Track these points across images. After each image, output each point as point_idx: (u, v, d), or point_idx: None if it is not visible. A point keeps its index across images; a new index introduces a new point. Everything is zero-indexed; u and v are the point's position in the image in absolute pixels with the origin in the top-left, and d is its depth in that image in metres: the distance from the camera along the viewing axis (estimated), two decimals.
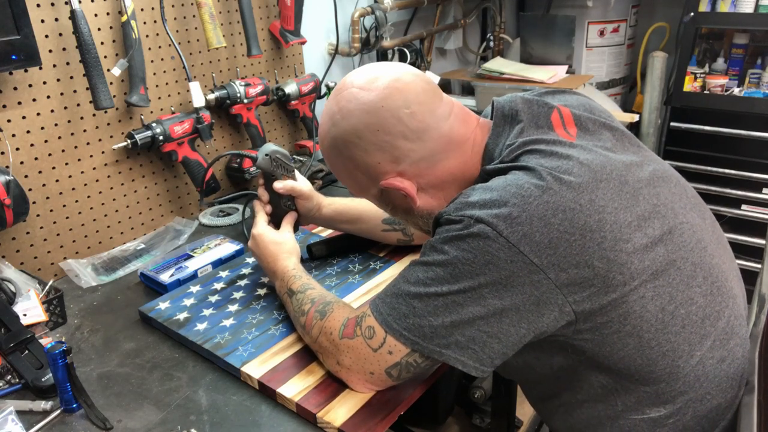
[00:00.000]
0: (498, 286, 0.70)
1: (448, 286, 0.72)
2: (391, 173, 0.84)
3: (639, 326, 0.74)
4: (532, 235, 0.69)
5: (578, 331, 0.75)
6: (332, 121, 0.85)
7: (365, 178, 0.87)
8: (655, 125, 2.56)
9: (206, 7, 1.35)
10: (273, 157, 1.08)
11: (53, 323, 1.07)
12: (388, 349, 0.78)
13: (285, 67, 1.72)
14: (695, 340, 0.78)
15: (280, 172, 1.10)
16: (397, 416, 0.84)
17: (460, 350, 0.74)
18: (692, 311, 0.77)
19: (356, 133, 0.82)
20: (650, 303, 0.74)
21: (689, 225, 0.81)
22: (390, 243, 1.23)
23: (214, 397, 0.88)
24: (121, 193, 1.36)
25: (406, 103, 0.81)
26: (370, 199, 0.92)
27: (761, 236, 2.24)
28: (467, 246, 0.71)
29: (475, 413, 1.88)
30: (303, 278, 0.99)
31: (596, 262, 0.70)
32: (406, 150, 0.82)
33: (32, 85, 1.16)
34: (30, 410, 0.87)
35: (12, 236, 1.17)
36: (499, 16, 2.62)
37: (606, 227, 0.71)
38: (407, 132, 0.81)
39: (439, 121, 0.82)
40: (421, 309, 0.75)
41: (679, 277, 0.76)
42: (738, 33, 2.28)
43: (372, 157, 0.83)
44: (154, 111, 1.39)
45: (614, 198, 0.74)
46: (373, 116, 0.81)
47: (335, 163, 0.89)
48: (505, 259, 0.69)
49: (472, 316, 0.72)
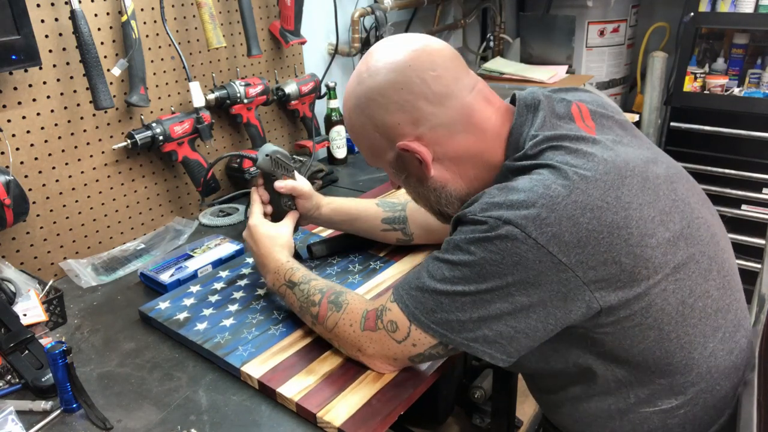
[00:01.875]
0: (526, 284, 0.71)
1: (476, 285, 0.73)
2: (410, 136, 0.84)
3: (660, 319, 0.75)
4: (561, 235, 0.69)
5: (600, 325, 0.76)
6: (359, 79, 0.85)
7: (383, 141, 0.86)
8: (655, 125, 2.56)
9: (206, 7, 1.35)
10: (273, 157, 1.08)
11: (53, 323, 1.07)
12: (412, 341, 0.81)
13: (285, 67, 1.72)
14: (709, 333, 0.80)
15: (280, 172, 1.10)
16: (397, 416, 0.84)
17: (487, 344, 0.75)
18: (708, 304, 0.79)
19: (380, 91, 0.83)
20: (672, 296, 0.75)
21: (704, 220, 0.83)
22: (389, 243, 1.23)
23: (214, 397, 0.88)
24: (121, 193, 1.36)
25: (433, 66, 0.81)
26: (385, 166, 0.91)
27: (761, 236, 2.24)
28: (495, 248, 0.71)
29: (475, 413, 1.88)
30: (301, 270, 0.99)
31: (623, 259, 0.71)
32: (427, 113, 0.82)
33: (32, 85, 1.16)
34: (30, 410, 0.87)
35: (12, 236, 1.17)
36: (499, 16, 2.62)
37: (632, 223, 0.72)
38: (430, 94, 0.81)
39: (463, 91, 0.83)
40: (448, 305, 0.76)
41: (698, 270, 0.78)
42: (738, 33, 2.28)
43: (392, 117, 0.83)
44: (154, 111, 1.39)
45: (638, 194, 0.74)
46: (399, 74, 0.81)
47: (356, 123, 0.88)
48: (534, 260, 0.70)
49: (500, 312, 0.73)
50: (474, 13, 2.54)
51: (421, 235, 1.19)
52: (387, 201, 1.21)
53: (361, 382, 0.87)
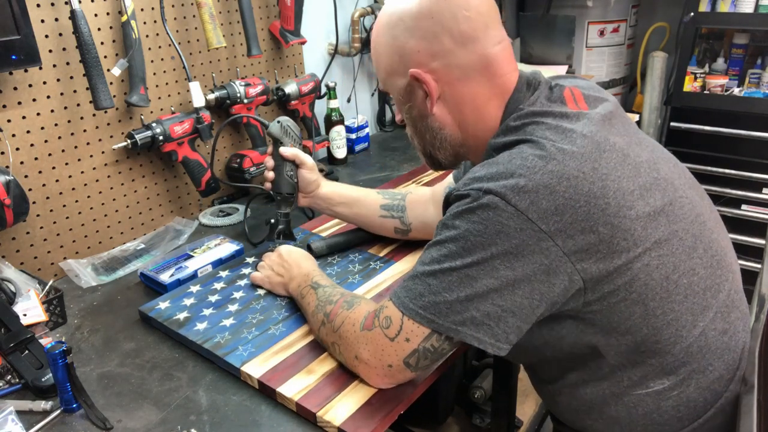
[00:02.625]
0: (509, 256, 0.72)
1: (461, 259, 0.74)
2: (424, 66, 0.84)
3: (644, 294, 0.77)
4: (539, 202, 0.71)
5: (587, 303, 0.77)
6: (396, 2, 0.86)
7: (399, 64, 0.87)
8: (655, 125, 2.55)
9: (206, 7, 1.35)
10: (284, 124, 1.17)
11: (53, 323, 1.07)
12: (405, 336, 0.80)
13: (285, 67, 1.72)
14: (698, 311, 0.81)
15: (288, 140, 1.17)
16: (397, 416, 0.84)
17: (475, 327, 0.75)
18: (694, 281, 0.80)
19: (410, 14, 0.83)
20: (655, 271, 0.76)
21: (688, 200, 0.84)
22: (387, 234, 1.24)
23: (214, 397, 0.88)
24: (121, 193, 1.36)
25: (467, 6, 0.82)
26: (394, 91, 0.92)
27: (761, 236, 2.24)
28: (477, 218, 0.73)
29: (475, 413, 1.88)
30: (329, 279, 1.02)
31: (601, 228, 0.72)
32: (447, 49, 0.83)
33: (32, 85, 1.16)
34: (30, 410, 0.87)
35: (12, 236, 1.17)
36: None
37: (609, 194, 0.73)
38: (456, 32, 0.82)
39: (488, 41, 0.83)
40: (435, 286, 0.76)
41: (681, 247, 0.79)
42: (738, 33, 2.28)
43: (414, 43, 0.84)
44: (154, 111, 1.39)
45: (617, 167, 0.76)
46: (434, 3, 0.82)
47: (380, 40, 0.89)
48: (515, 228, 0.71)
49: (486, 288, 0.74)
50: None
51: (418, 228, 1.20)
52: (387, 190, 1.25)
53: (361, 381, 0.87)
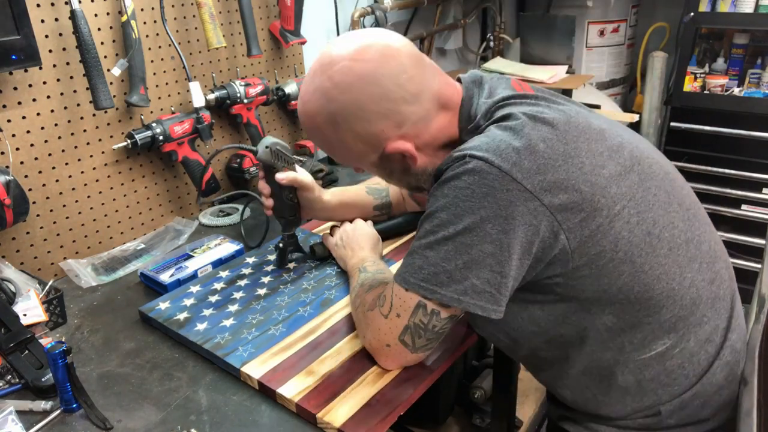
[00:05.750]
0: (500, 219, 0.74)
1: (453, 227, 0.76)
2: (394, 138, 0.86)
3: (630, 251, 0.79)
4: (521, 162, 0.74)
5: (576, 268, 0.79)
6: (327, 97, 0.83)
7: (366, 148, 0.87)
8: (655, 125, 2.55)
9: (206, 7, 1.35)
10: (273, 149, 1.08)
11: (53, 323, 1.07)
12: (396, 312, 0.82)
13: (285, 67, 1.72)
14: (684, 263, 0.83)
15: (281, 164, 1.10)
16: (397, 416, 0.84)
17: (477, 295, 0.77)
18: (675, 234, 0.83)
19: (358, 105, 0.82)
20: (636, 227, 0.79)
21: (655, 160, 0.88)
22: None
23: (214, 397, 0.88)
24: (121, 193, 1.36)
25: (403, 68, 0.83)
26: (367, 166, 0.92)
27: (761, 236, 2.24)
28: (464, 183, 0.75)
29: (475, 413, 1.87)
30: (382, 264, 1.06)
31: (582, 186, 0.76)
32: (408, 113, 0.84)
33: (32, 85, 1.16)
34: (30, 410, 0.87)
35: (12, 236, 1.17)
36: (499, 16, 2.62)
37: (582, 154, 0.78)
38: (407, 96, 0.83)
39: (431, 81, 0.86)
40: (433, 257, 0.78)
41: (657, 203, 0.83)
42: (738, 33, 2.28)
43: (375, 126, 0.84)
44: (154, 111, 1.39)
45: (584, 132, 0.81)
46: (375, 86, 0.82)
47: (330, 138, 0.88)
48: (501, 189, 0.74)
49: (482, 254, 0.75)
50: (474, 13, 2.54)
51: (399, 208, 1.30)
52: (374, 188, 1.28)
53: (361, 382, 0.87)
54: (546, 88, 0.98)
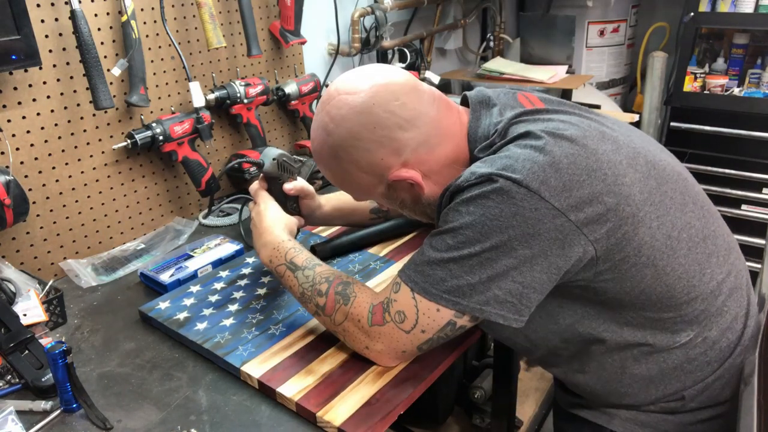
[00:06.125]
0: (526, 236, 0.75)
1: (480, 244, 0.76)
2: (396, 166, 0.87)
3: (652, 255, 0.80)
4: (548, 181, 0.75)
5: (599, 273, 0.80)
6: (326, 131, 0.87)
7: (371, 178, 0.89)
8: (655, 125, 2.55)
9: (206, 7, 1.35)
10: (280, 161, 1.09)
11: (53, 323, 1.07)
12: (421, 328, 0.82)
13: (285, 67, 1.72)
14: (703, 260, 0.86)
15: (286, 176, 1.11)
16: (396, 416, 0.84)
17: (499, 305, 0.78)
18: (693, 234, 0.85)
19: (354, 136, 0.85)
20: (657, 232, 0.81)
21: (666, 162, 0.90)
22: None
23: (214, 397, 0.88)
24: (121, 193, 1.36)
25: (395, 96, 0.84)
26: (378, 198, 0.94)
27: (761, 236, 2.24)
28: (492, 203, 0.76)
29: (475, 413, 1.88)
30: (304, 253, 0.98)
31: (606, 197, 0.77)
32: (405, 140, 0.85)
33: (32, 85, 1.16)
34: (30, 410, 0.87)
35: (12, 236, 1.17)
36: (499, 16, 2.62)
37: (604, 166, 0.78)
38: (402, 122, 0.84)
39: (427, 107, 0.87)
40: (457, 270, 0.78)
41: (674, 205, 0.84)
42: (738, 33, 2.28)
43: (374, 155, 0.86)
44: (154, 111, 1.39)
45: (600, 144, 0.81)
46: (367, 115, 0.84)
47: (337, 172, 0.91)
48: (530, 208, 0.74)
49: (506, 268, 0.76)
50: (474, 13, 2.54)
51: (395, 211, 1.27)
52: None
53: (361, 381, 0.87)
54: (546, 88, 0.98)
